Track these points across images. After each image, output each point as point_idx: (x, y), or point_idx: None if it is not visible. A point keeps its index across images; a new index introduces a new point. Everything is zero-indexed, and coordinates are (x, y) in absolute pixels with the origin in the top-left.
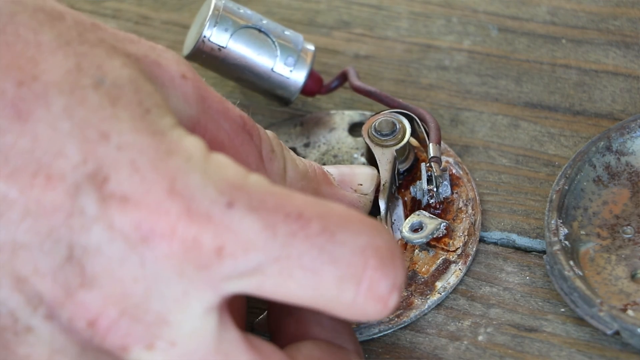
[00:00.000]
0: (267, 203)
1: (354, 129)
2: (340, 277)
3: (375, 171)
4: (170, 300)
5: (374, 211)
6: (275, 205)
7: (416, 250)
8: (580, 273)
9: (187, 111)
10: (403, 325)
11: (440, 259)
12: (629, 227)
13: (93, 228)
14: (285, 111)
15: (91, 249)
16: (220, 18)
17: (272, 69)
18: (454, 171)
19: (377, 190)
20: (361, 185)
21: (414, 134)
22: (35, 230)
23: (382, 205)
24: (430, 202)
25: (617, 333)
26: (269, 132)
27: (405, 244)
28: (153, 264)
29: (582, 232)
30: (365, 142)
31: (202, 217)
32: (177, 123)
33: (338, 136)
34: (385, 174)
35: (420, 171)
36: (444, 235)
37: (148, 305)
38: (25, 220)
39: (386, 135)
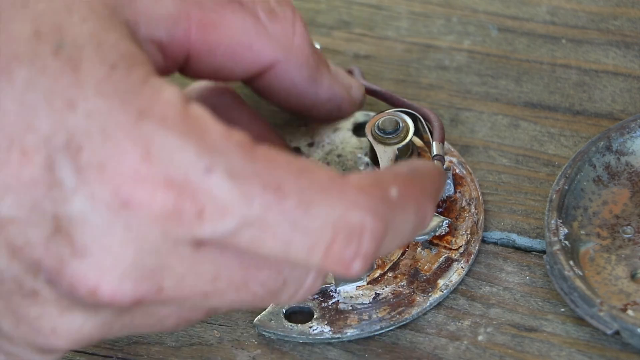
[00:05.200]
0: (246, 170)
1: (358, 129)
2: (310, 247)
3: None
4: (162, 254)
5: None
6: (254, 173)
7: (419, 248)
8: (580, 273)
9: (163, 10)
10: (405, 322)
11: (443, 257)
12: (629, 227)
13: (75, 199)
14: (286, 111)
15: (76, 219)
16: None
17: None
18: (457, 171)
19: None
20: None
21: (417, 133)
22: (19, 205)
23: None
24: None
25: (617, 333)
26: None
27: None
28: (138, 227)
29: (582, 232)
30: (368, 140)
31: (180, 183)
32: (149, 72)
33: (342, 136)
34: None
35: None
36: (447, 234)
37: (143, 263)
38: (7, 196)
39: (389, 133)
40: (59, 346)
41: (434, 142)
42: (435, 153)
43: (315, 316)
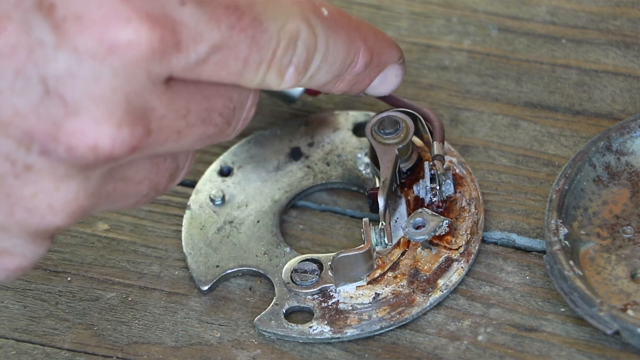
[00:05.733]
0: None
1: (358, 129)
2: (259, 62)
3: None
4: (145, 95)
5: (374, 208)
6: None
7: (418, 248)
8: (580, 273)
9: None
10: (405, 322)
11: (443, 257)
12: (629, 227)
13: (58, 56)
14: (286, 111)
15: (64, 77)
16: None
17: None
18: (457, 171)
19: None
20: None
21: (417, 133)
22: (2, 75)
23: (381, 202)
24: (433, 200)
25: (617, 333)
26: None
27: (408, 242)
28: (124, 70)
29: (582, 232)
30: (368, 140)
31: (161, 18)
32: None
33: (342, 136)
34: (386, 172)
35: (424, 170)
36: (447, 234)
37: (133, 107)
38: None
39: (389, 133)
40: (55, 223)
41: (434, 142)
42: (435, 153)
43: (315, 316)
